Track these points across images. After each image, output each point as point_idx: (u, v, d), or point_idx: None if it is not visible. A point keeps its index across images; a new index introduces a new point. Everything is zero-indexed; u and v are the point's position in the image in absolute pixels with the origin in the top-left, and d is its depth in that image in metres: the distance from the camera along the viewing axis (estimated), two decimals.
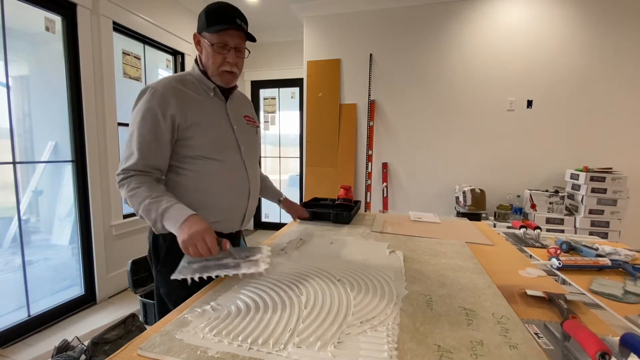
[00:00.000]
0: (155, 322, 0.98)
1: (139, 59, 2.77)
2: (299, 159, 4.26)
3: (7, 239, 2.06)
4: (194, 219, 0.83)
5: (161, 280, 1.00)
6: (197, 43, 0.98)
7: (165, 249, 0.98)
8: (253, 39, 0.99)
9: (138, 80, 2.76)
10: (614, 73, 2.67)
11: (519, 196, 2.89)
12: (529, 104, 2.86)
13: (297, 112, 4.17)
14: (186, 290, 0.89)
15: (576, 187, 2.62)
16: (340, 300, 0.75)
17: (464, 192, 2.78)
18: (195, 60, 1.02)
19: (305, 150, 3.48)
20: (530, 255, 1.25)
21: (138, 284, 1.79)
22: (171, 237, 0.93)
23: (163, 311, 0.99)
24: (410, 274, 0.92)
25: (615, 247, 1.26)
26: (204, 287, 0.82)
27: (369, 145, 3.23)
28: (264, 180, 1.38)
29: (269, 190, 1.39)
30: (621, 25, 2.62)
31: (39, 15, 2.02)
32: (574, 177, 2.62)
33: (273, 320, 0.66)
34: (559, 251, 1.23)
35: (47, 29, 2.08)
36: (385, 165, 3.26)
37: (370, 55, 3.20)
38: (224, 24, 0.91)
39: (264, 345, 0.58)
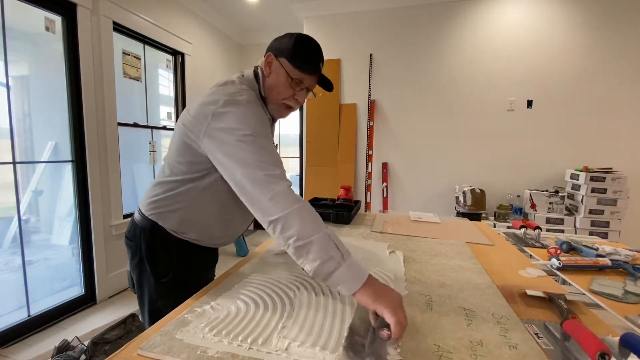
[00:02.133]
0: (145, 329, 0.96)
1: (139, 59, 2.77)
2: (299, 159, 4.26)
3: (7, 239, 2.06)
4: (376, 280, 0.65)
5: (164, 293, 0.91)
6: (269, 64, 0.87)
7: (165, 256, 0.91)
8: (329, 89, 0.95)
9: (138, 80, 2.76)
10: (614, 73, 2.67)
11: (519, 196, 2.88)
12: (529, 104, 2.86)
13: (297, 112, 4.17)
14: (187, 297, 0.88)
15: (576, 187, 2.62)
16: (341, 300, 0.75)
17: (464, 192, 2.78)
18: (256, 76, 0.90)
19: (305, 150, 3.48)
20: (530, 255, 1.25)
21: None
22: (173, 244, 0.90)
23: (158, 319, 0.91)
24: (410, 274, 0.92)
25: (615, 247, 1.26)
26: (203, 288, 0.82)
27: (369, 145, 3.23)
28: None
29: None
30: (621, 25, 2.62)
31: (39, 15, 2.02)
32: (574, 177, 2.62)
33: (273, 320, 0.66)
34: (559, 251, 1.23)
35: (47, 29, 2.08)
36: (385, 165, 3.26)
37: (370, 55, 3.20)
38: (311, 66, 0.87)
39: (263, 345, 0.58)
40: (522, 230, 1.52)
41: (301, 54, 0.85)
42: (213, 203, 0.90)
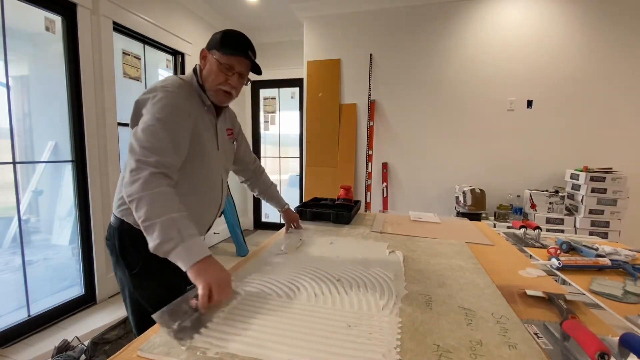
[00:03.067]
0: (136, 333, 0.98)
1: (139, 59, 2.77)
2: (299, 159, 4.26)
3: (7, 239, 2.06)
4: (214, 260, 0.75)
5: (137, 284, 0.96)
6: (203, 58, 0.99)
7: (133, 249, 0.95)
8: (258, 72, 1.04)
9: (138, 80, 2.76)
10: (614, 73, 2.67)
11: (519, 196, 2.88)
12: (529, 104, 2.86)
13: (297, 112, 4.17)
14: (165, 288, 0.95)
15: (576, 187, 2.62)
16: (341, 300, 0.75)
17: (464, 192, 2.78)
18: (194, 71, 1.01)
19: (305, 150, 3.48)
20: (530, 255, 1.25)
21: None
22: (138, 237, 0.90)
23: (143, 315, 0.92)
24: (410, 274, 0.92)
25: (615, 247, 1.26)
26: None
27: (369, 145, 3.23)
28: (270, 187, 1.40)
29: (274, 198, 1.41)
30: (621, 25, 2.62)
31: (39, 15, 2.02)
32: (574, 177, 2.62)
33: (273, 320, 0.66)
34: (559, 251, 1.23)
35: (47, 29, 2.08)
36: (385, 165, 3.26)
37: (370, 55, 3.20)
38: (237, 50, 0.96)
39: (263, 346, 0.58)
40: (522, 230, 1.52)
41: (227, 42, 0.95)
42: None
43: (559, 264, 1.09)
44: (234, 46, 0.96)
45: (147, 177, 0.76)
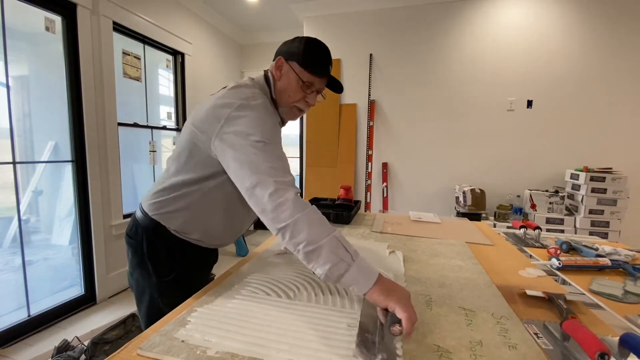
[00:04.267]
0: (143, 328, 0.96)
1: (139, 59, 2.77)
2: (299, 159, 4.26)
3: (7, 239, 2.06)
4: (386, 278, 0.66)
5: (164, 292, 0.92)
6: (280, 68, 0.89)
7: (167, 256, 0.91)
8: (339, 90, 0.97)
9: (138, 80, 2.76)
10: (614, 73, 2.67)
11: (519, 196, 2.88)
12: (529, 104, 2.86)
13: None
14: (190, 295, 0.88)
15: (576, 187, 2.62)
16: (341, 300, 0.75)
17: (464, 192, 2.78)
18: (267, 79, 0.91)
19: (305, 150, 3.48)
20: (530, 255, 1.25)
21: None
22: (176, 245, 0.90)
23: (157, 319, 0.85)
24: (410, 274, 0.92)
25: (615, 247, 1.26)
26: (203, 288, 0.82)
27: (369, 145, 3.23)
28: None
29: None
30: (621, 25, 2.62)
31: (39, 15, 2.02)
32: (574, 177, 2.62)
33: (273, 319, 0.66)
34: (559, 251, 1.23)
35: (47, 29, 2.08)
36: (385, 165, 3.26)
37: (370, 55, 3.20)
38: (322, 69, 0.88)
39: (263, 346, 0.58)
40: (522, 230, 1.52)
41: (312, 57, 0.87)
42: (218, 205, 0.90)
43: (559, 264, 1.09)
44: (320, 64, 0.87)
45: (294, 199, 0.68)
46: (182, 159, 0.87)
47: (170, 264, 0.91)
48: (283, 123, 0.97)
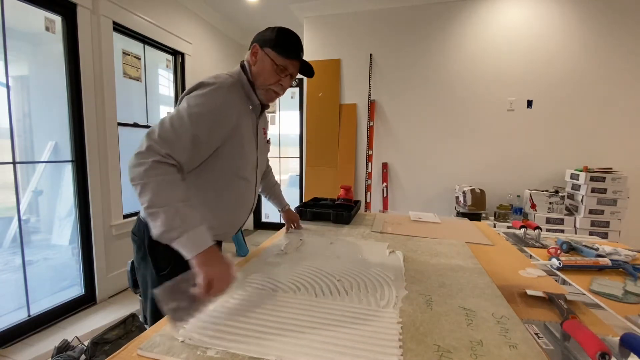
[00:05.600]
0: (149, 323, 0.98)
1: (139, 59, 2.77)
2: (299, 159, 4.26)
3: (7, 239, 2.06)
4: (216, 251, 0.75)
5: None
6: (254, 54, 0.96)
7: (164, 249, 0.89)
8: (310, 74, 1.04)
9: (138, 80, 2.76)
10: (614, 73, 2.67)
11: (519, 196, 2.88)
12: (529, 104, 2.86)
13: (297, 112, 4.17)
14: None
15: (576, 187, 2.62)
16: (341, 300, 0.75)
17: (464, 192, 2.78)
18: (243, 67, 0.99)
19: (305, 150, 3.48)
20: (530, 255, 1.25)
21: (138, 284, 1.79)
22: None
23: (161, 315, 0.92)
24: (410, 274, 0.92)
25: (615, 247, 1.26)
26: None
27: (369, 145, 3.23)
28: (274, 186, 1.40)
29: (277, 197, 1.41)
30: (621, 25, 2.62)
31: (39, 15, 2.02)
32: (574, 177, 2.62)
33: (273, 319, 0.66)
34: (559, 251, 1.23)
35: (47, 29, 2.08)
36: (385, 165, 3.26)
37: (370, 55, 3.20)
38: (293, 53, 0.96)
39: (264, 346, 0.58)
40: (522, 230, 1.52)
41: (284, 43, 0.94)
42: (208, 191, 0.95)
43: (559, 264, 1.09)
44: (291, 48, 0.95)
45: (152, 163, 0.75)
46: None
47: (168, 257, 0.93)
48: (262, 104, 1.02)
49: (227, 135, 0.90)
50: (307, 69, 1.03)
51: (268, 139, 1.18)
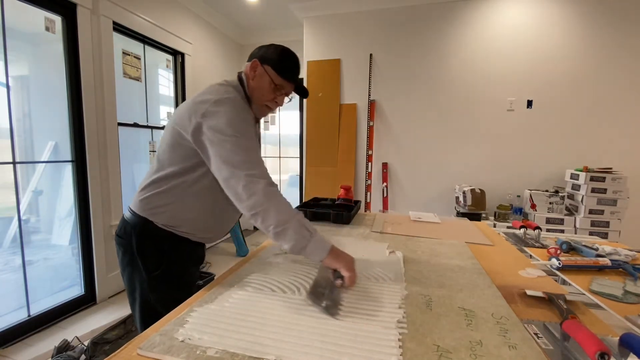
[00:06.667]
0: (140, 330, 0.98)
1: (139, 59, 2.77)
2: (299, 159, 4.26)
3: (7, 239, 2.06)
4: (337, 248, 0.84)
5: (153, 287, 0.95)
6: (254, 69, 0.97)
7: (155, 251, 0.94)
8: (305, 95, 1.08)
9: (138, 80, 2.76)
10: (614, 73, 2.66)
11: (519, 196, 2.88)
12: (529, 104, 2.86)
13: (297, 112, 4.17)
14: (180, 290, 0.94)
15: (576, 187, 2.62)
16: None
17: (464, 192, 2.78)
18: (240, 79, 1.00)
19: (305, 150, 3.48)
20: (530, 256, 1.25)
21: None
22: (164, 239, 0.94)
23: (151, 317, 0.85)
24: (410, 274, 0.92)
25: (615, 247, 1.26)
26: (203, 288, 0.82)
27: (369, 145, 3.23)
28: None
29: None
30: (621, 24, 2.62)
31: (39, 15, 2.02)
32: (574, 177, 2.62)
33: (273, 319, 0.66)
34: (559, 251, 1.23)
35: (47, 29, 2.08)
36: (385, 165, 3.26)
37: (370, 55, 3.20)
38: (293, 76, 0.99)
39: (263, 345, 0.58)
40: (522, 230, 1.52)
41: (285, 64, 0.97)
42: (203, 195, 0.95)
43: (559, 264, 1.09)
44: (292, 71, 0.99)
45: (264, 189, 0.81)
46: (165, 155, 0.93)
47: (159, 259, 0.95)
48: (256, 119, 1.05)
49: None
50: (302, 90, 1.06)
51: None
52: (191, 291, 0.96)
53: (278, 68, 0.96)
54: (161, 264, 0.95)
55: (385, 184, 3.25)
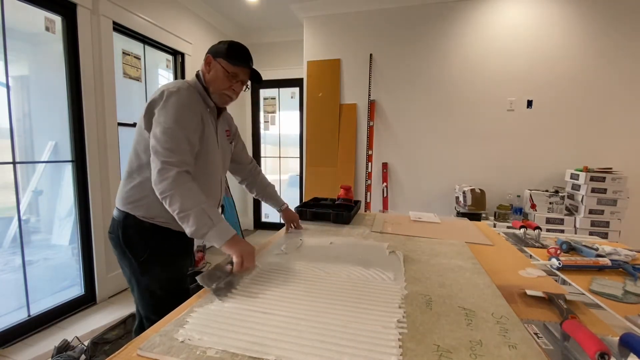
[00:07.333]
0: (150, 315, 1.04)
1: (139, 59, 2.77)
2: (299, 159, 4.26)
3: (7, 239, 2.06)
4: (239, 237, 0.93)
5: (145, 270, 1.03)
6: (208, 64, 1.07)
7: (139, 239, 1.03)
8: (259, 81, 1.16)
9: (138, 80, 2.76)
10: (614, 73, 2.66)
11: (519, 196, 2.88)
12: (529, 104, 2.86)
13: (297, 112, 4.17)
14: (173, 270, 1.05)
15: (576, 187, 2.62)
16: (341, 300, 0.75)
17: (464, 192, 2.78)
18: (197, 76, 1.10)
19: (305, 150, 3.48)
20: (530, 256, 1.25)
21: None
22: (145, 228, 1.02)
23: (155, 300, 1.04)
24: (410, 274, 0.92)
25: (615, 247, 1.26)
26: (202, 289, 0.82)
27: (369, 145, 3.23)
28: (267, 187, 1.43)
29: (272, 197, 1.44)
30: (621, 24, 2.62)
31: (39, 15, 2.02)
32: (574, 177, 2.62)
33: (274, 320, 0.66)
34: (559, 251, 1.23)
35: (47, 29, 2.08)
36: (385, 165, 3.26)
37: (370, 55, 3.20)
38: (243, 61, 1.07)
39: (263, 345, 0.58)
40: (522, 230, 1.52)
41: (234, 53, 1.06)
42: None
43: (559, 264, 1.09)
44: (240, 57, 1.07)
45: (174, 175, 0.89)
46: (134, 151, 1.02)
47: (143, 245, 1.03)
48: (217, 107, 1.13)
49: (201, 129, 1.01)
50: (256, 76, 1.14)
51: (232, 140, 1.27)
52: (182, 271, 1.10)
53: (229, 58, 1.04)
54: (147, 248, 1.03)
55: (385, 184, 3.25)
